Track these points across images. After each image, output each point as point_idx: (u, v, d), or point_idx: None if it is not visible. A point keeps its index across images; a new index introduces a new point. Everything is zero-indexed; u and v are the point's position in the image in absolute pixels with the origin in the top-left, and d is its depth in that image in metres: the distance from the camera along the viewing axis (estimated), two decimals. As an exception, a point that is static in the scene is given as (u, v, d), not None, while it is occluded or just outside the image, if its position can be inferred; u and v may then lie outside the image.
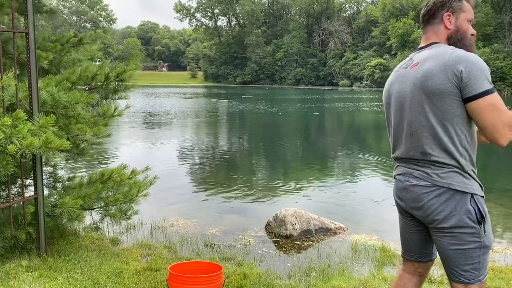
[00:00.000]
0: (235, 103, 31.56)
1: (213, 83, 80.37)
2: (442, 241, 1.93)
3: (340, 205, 6.52)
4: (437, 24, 2.02)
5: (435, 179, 1.89)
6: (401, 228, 2.19)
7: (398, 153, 2.08)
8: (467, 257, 1.90)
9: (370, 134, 16.79)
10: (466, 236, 1.88)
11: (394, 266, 4.10)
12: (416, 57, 2.01)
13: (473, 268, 1.91)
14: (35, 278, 3.07)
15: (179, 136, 15.21)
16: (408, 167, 2.02)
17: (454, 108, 1.84)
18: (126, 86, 4.07)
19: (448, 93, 1.82)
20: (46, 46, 3.86)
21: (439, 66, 1.84)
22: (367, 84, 66.44)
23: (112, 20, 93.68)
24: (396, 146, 2.09)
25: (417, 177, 1.96)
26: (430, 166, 1.92)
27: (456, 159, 1.87)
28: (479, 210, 1.88)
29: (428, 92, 1.86)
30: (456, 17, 2.00)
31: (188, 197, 6.97)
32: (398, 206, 2.12)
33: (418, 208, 1.96)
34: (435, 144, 1.89)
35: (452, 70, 1.80)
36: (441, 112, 1.86)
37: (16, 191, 4.03)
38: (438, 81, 1.83)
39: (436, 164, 1.90)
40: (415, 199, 1.96)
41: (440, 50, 1.92)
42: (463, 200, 1.87)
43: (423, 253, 2.15)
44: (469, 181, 1.89)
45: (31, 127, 2.99)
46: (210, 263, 3.14)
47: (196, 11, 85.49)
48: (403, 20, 64.98)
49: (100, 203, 3.95)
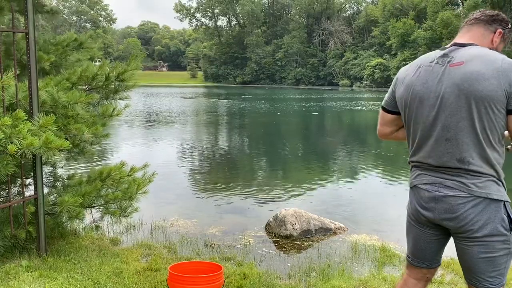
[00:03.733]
0: (235, 103, 31.57)
1: (213, 83, 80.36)
2: (472, 250, 1.87)
3: (340, 205, 6.52)
4: (488, 31, 1.96)
5: (473, 189, 1.81)
6: (416, 238, 2.07)
7: (421, 159, 1.95)
8: (495, 264, 1.87)
9: (370, 134, 16.78)
10: (498, 244, 1.84)
11: (394, 266, 4.10)
12: (457, 54, 1.86)
13: (499, 274, 1.90)
14: (35, 278, 3.07)
15: (179, 136, 15.21)
16: (437, 176, 1.89)
17: (499, 117, 1.77)
18: (126, 86, 4.07)
19: (497, 100, 1.74)
20: (48, 49, 3.86)
21: (491, 71, 1.74)
22: (367, 84, 66.44)
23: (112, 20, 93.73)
24: (419, 150, 1.95)
25: (450, 187, 1.85)
26: (466, 176, 1.82)
27: (494, 169, 1.82)
28: (509, 217, 1.84)
29: (478, 96, 1.75)
30: (501, 40, 1.98)
31: (188, 197, 6.97)
32: (422, 216, 1.96)
33: (451, 219, 1.86)
34: (475, 152, 1.80)
35: (506, 78, 1.73)
36: (487, 120, 1.77)
37: (16, 190, 4.03)
38: (490, 87, 1.73)
39: (473, 174, 1.81)
40: (449, 210, 1.85)
41: (486, 52, 1.83)
42: (498, 208, 1.82)
43: (435, 260, 2.11)
44: (502, 189, 1.85)
45: (31, 127, 2.99)
46: (210, 263, 3.14)
47: (196, 11, 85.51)
48: (403, 20, 64.98)
49: (99, 201, 3.96)
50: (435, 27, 59.51)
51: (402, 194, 7.32)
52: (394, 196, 7.26)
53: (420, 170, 1.97)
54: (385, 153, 12.14)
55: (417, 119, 1.93)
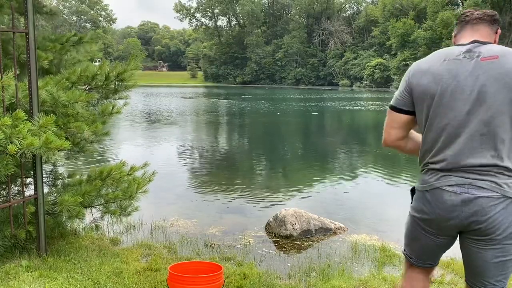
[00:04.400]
0: (234, 103, 31.56)
1: (213, 83, 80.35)
2: (487, 253, 1.82)
3: (340, 205, 6.52)
4: (492, 32, 1.94)
5: (506, 190, 1.74)
6: (425, 246, 1.99)
7: (448, 157, 1.81)
8: (504, 267, 1.84)
9: (369, 133, 16.79)
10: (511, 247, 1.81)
11: (394, 266, 4.10)
12: (483, 50, 1.81)
13: (505, 277, 1.87)
14: (35, 278, 3.07)
15: (179, 135, 15.21)
16: (464, 177, 1.77)
17: None
18: (126, 86, 4.07)
19: None
20: (46, 46, 3.86)
21: None
22: (367, 84, 66.43)
23: (112, 20, 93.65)
24: (446, 149, 1.82)
25: (482, 188, 1.75)
26: (498, 175, 1.75)
27: None
28: None
29: None
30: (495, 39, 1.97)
31: (188, 197, 6.96)
32: (443, 223, 1.84)
33: (480, 222, 1.76)
34: (510, 150, 1.75)
35: None
36: None
37: (16, 190, 4.03)
38: None
39: (506, 173, 1.75)
40: (480, 212, 1.75)
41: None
42: None
43: (439, 258, 2.09)
44: None
45: (31, 127, 2.99)
46: (210, 263, 3.14)
47: (196, 11, 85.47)
48: (403, 20, 64.96)
49: (100, 200, 3.96)
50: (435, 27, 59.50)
51: (402, 194, 7.32)
52: (394, 196, 7.26)
53: (443, 172, 1.83)
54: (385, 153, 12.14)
55: (447, 114, 1.80)
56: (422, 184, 1.90)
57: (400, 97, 1.96)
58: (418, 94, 1.88)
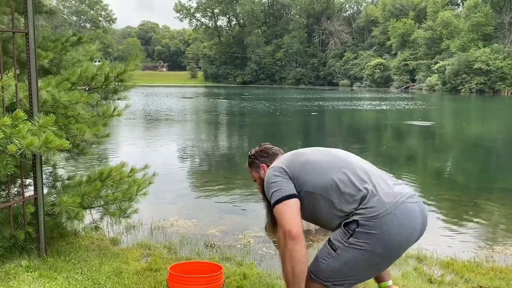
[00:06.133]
0: (234, 103, 31.56)
1: (213, 83, 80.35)
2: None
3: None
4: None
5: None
6: (376, 270, 2.20)
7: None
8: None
9: (369, 133, 16.79)
10: None
11: (394, 266, 4.09)
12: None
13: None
14: (35, 278, 3.06)
15: (178, 135, 15.21)
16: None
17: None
18: (126, 86, 4.07)
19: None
20: (47, 46, 3.86)
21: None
22: (367, 84, 66.44)
23: (112, 20, 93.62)
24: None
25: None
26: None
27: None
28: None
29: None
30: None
31: (188, 197, 6.96)
32: (412, 242, 2.12)
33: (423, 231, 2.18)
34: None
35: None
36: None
37: (16, 190, 4.03)
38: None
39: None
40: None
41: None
42: None
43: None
44: None
45: (31, 127, 2.99)
46: (210, 263, 3.13)
47: (196, 11, 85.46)
48: (403, 20, 65.00)
49: (99, 201, 3.95)
50: (435, 27, 59.52)
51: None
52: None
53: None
54: (385, 153, 12.14)
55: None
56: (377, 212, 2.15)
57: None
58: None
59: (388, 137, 16.09)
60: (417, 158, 11.76)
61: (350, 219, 2.02)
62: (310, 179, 2.11)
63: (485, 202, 6.88)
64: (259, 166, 2.46)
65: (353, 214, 2.01)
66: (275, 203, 2.09)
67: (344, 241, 2.03)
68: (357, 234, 1.99)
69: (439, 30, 58.60)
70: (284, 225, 2.03)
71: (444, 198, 7.18)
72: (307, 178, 2.12)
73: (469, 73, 51.15)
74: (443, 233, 5.35)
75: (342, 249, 2.03)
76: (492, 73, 49.98)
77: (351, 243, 2.00)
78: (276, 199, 2.09)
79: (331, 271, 2.07)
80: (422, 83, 57.12)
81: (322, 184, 2.09)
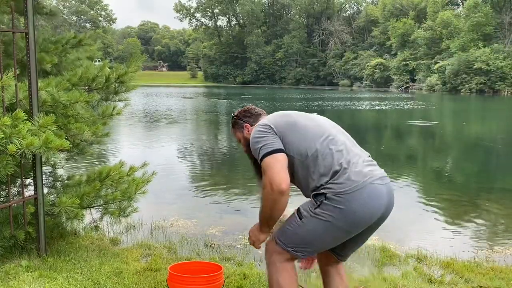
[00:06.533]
0: (234, 103, 31.56)
1: (213, 83, 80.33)
2: (371, 233, 2.36)
3: (340, 205, 6.52)
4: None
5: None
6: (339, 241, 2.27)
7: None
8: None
9: (369, 133, 16.78)
10: None
11: (394, 266, 4.10)
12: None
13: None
14: (35, 278, 3.06)
15: (178, 135, 15.21)
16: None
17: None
18: (127, 87, 4.07)
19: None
20: (47, 48, 3.86)
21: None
22: (367, 84, 66.44)
23: (112, 20, 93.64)
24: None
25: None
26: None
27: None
28: None
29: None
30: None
31: (188, 197, 6.96)
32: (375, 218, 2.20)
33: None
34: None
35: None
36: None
37: (16, 190, 4.03)
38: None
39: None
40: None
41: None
42: None
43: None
44: None
45: (31, 127, 2.99)
46: (210, 263, 3.13)
47: (196, 11, 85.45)
48: (403, 20, 64.99)
49: (99, 201, 3.95)
50: (435, 27, 59.52)
51: (402, 194, 7.32)
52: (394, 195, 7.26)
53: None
54: (385, 152, 12.14)
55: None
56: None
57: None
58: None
59: (388, 137, 16.10)
60: (417, 158, 11.77)
61: (319, 191, 2.10)
62: (294, 142, 2.17)
63: (485, 202, 6.88)
64: (243, 126, 2.49)
65: (323, 187, 2.09)
66: (263, 155, 2.13)
67: (311, 211, 2.12)
68: (323, 206, 2.08)
69: (439, 30, 58.59)
70: (273, 178, 2.08)
71: (444, 198, 7.18)
72: (292, 140, 2.17)
73: (469, 73, 51.16)
74: (443, 233, 5.36)
75: (307, 218, 2.13)
76: (492, 73, 49.97)
77: (317, 214, 2.10)
78: (264, 152, 2.14)
79: (294, 238, 2.18)
80: (422, 83, 57.13)
81: (304, 151, 2.15)
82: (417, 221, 5.80)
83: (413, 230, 5.45)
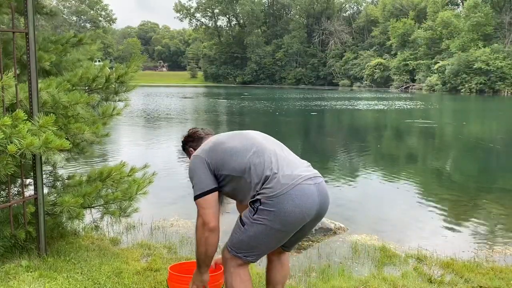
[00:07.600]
0: (234, 103, 31.56)
1: (213, 83, 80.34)
2: (312, 227, 2.48)
3: (340, 205, 6.51)
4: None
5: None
6: (280, 241, 2.38)
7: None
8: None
9: (369, 133, 16.78)
10: None
11: (394, 266, 4.10)
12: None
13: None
14: (35, 278, 3.07)
15: (178, 135, 15.20)
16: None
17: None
18: (127, 87, 4.07)
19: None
20: (47, 47, 3.86)
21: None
22: (367, 84, 66.44)
23: (112, 20, 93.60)
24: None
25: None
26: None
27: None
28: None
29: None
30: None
31: (188, 197, 6.90)
32: (311, 215, 2.32)
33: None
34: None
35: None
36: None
37: (16, 190, 4.03)
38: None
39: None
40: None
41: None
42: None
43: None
44: None
45: (31, 127, 2.99)
46: (210, 263, 3.13)
47: (196, 11, 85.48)
48: (403, 20, 64.99)
49: (99, 201, 3.95)
50: (435, 27, 59.52)
51: (402, 194, 7.33)
52: (394, 196, 7.27)
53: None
54: (385, 153, 12.15)
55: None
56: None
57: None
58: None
59: (388, 137, 16.09)
60: (417, 158, 11.76)
61: (255, 198, 2.27)
62: (230, 163, 2.36)
63: (485, 202, 6.89)
64: (189, 150, 2.73)
65: (258, 193, 2.26)
66: (195, 197, 2.40)
67: (250, 217, 2.29)
68: (259, 211, 2.25)
69: (439, 30, 58.59)
70: (204, 219, 2.36)
71: (444, 198, 7.18)
72: (227, 162, 2.37)
73: (469, 73, 51.16)
74: (443, 233, 5.36)
75: (248, 224, 2.30)
76: (492, 73, 49.97)
77: (255, 219, 2.27)
78: (197, 194, 2.39)
79: (241, 244, 2.35)
80: (422, 83, 57.13)
81: (239, 168, 2.33)
82: (417, 221, 5.80)
83: (413, 230, 5.45)
